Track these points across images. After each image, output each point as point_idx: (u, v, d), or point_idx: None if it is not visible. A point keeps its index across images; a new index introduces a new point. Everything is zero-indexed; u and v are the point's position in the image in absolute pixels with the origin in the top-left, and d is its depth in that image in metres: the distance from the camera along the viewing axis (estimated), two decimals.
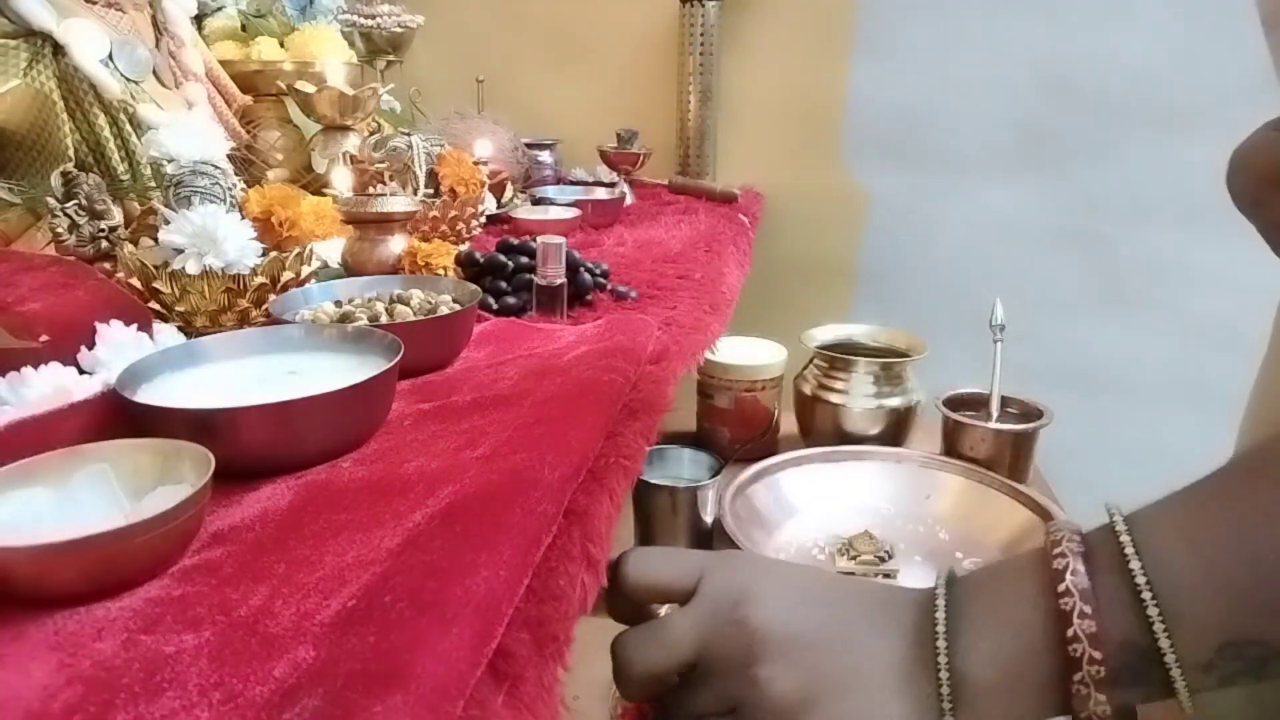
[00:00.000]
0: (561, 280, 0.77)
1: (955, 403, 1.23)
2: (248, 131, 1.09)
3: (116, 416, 0.47)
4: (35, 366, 0.49)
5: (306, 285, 0.70)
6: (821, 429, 1.28)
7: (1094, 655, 0.35)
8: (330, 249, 0.84)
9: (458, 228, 0.96)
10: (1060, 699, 0.36)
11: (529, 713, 0.33)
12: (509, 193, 1.26)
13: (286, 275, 0.68)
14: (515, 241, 0.84)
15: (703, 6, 1.54)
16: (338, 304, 0.68)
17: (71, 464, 0.41)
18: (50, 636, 0.33)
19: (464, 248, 0.85)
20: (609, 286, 0.87)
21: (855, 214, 1.69)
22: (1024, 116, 1.57)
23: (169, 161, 0.70)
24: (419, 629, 0.33)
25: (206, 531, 0.41)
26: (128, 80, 0.86)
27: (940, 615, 0.38)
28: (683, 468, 1.07)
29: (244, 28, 1.21)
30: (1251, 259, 1.67)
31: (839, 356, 1.26)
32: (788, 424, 1.34)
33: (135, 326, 0.56)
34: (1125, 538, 0.37)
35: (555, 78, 1.74)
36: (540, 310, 0.78)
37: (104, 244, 0.71)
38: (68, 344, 0.52)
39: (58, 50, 0.81)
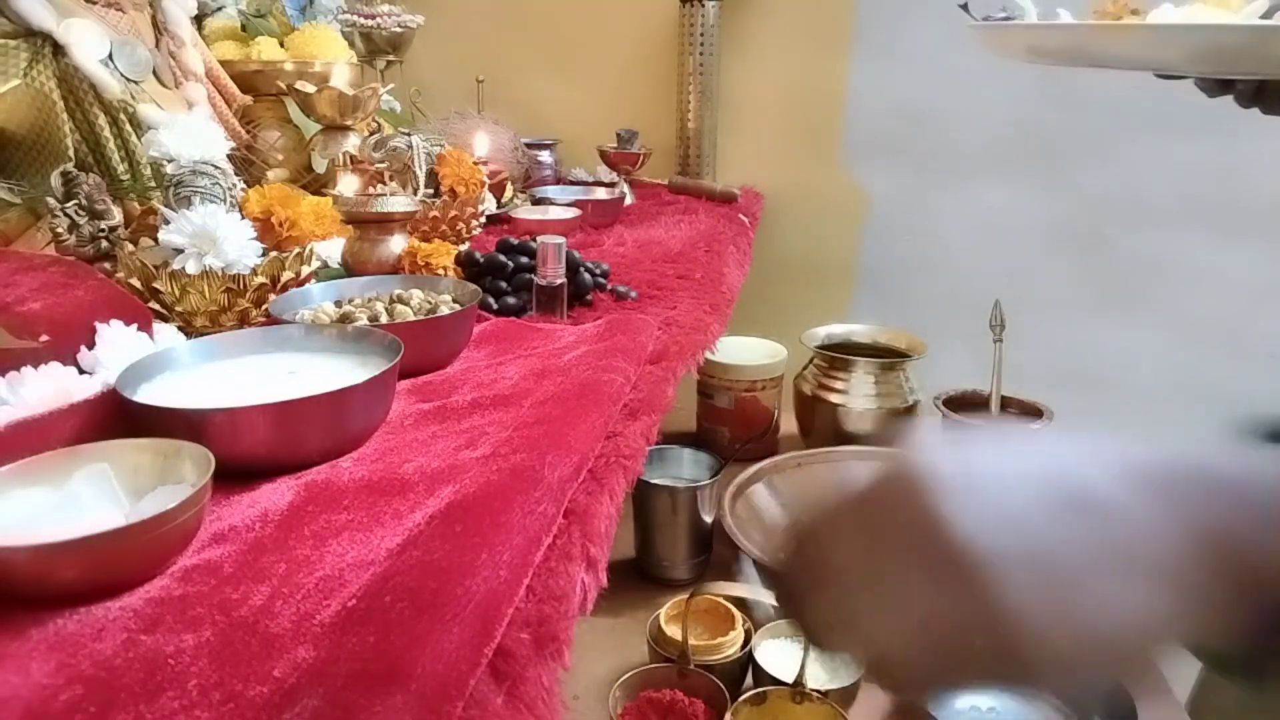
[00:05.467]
0: (561, 280, 0.77)
1: (955, 403, 1.23)
2: (248, 131, 1.09)
3: (116, 416, 0.47)
4: (35, 366, 0.49)
5: (306, 285, 0.70)
6: (821, 429, 1.27)
7: None
8: (330, 249, 0.84)
9: (458, 228, 0.96)
10: None
11: (529, 713, 0.33)
12: (509, 193, 1.26)
13: (286, 275, 0.68)
14: (515, 241, 0.84)
15: (703, 6, 1.54)
16: (338, 304, 0.68)
17: (71, 464, 0.41)
18: (50, 636, 0.33)
19: (464, 248, 0.85)
20: (609, 286, 0.87)
21: (855, 214, 1.69)
22: (1024, 116, 1.57)
23: (169, 161, 0.69)
24: (419, 629, 0.33)
25: (206, 531, 0.41)
26: (128, 80, 0.86)
27: None
28: (683, 468, 1.07)
29: (244, 28, 1.21)
30: (1251, 259, 1.67)
31: (839, 356, 1.26)
32: (788, 424, 1.34)
33: (135, 326, 0.56)
34: None
35: (555, 78, 1.74)
36: (540, 310, 0.78)
37: (104, 244, 0.71)
38: (68, 344, 0.52)
39: (58, 50, 0.81)
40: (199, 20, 1.14)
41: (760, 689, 0.76)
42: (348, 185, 0.83)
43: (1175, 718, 0.79)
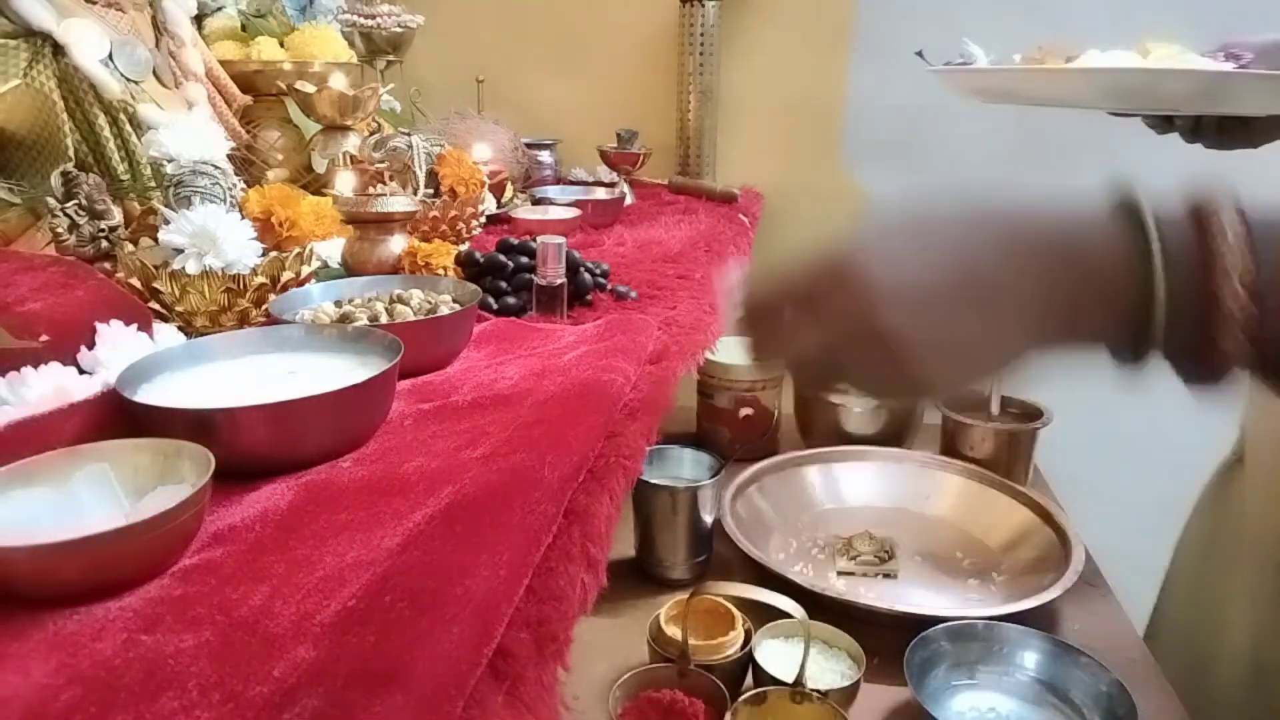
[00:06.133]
0: (561, 280, 0.77)
1: (955, 403, 1.23)
2: (248, 131, 1.09)
3: (116, 416, 0.47)
4: (35, 366, 0.49)
5: (306, 285, 0.70)
6: (821, 429, 1.28)
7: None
8: (330, 249, 0.84)
9: (458, 228, 0.96)
10: None
11: (529, 713, 0.33)
12: (509, 193, 1.26)
13: (286, 275, 0.68)
14: (515, 241, 0.84)
15: (703, 6, 1.54)
16: (338, 304, 0.68)
17: (71, 464, 0.41)
18: (50, 636, 0.33)
19: (464, 248, 0.85)
20: (609, 286, 0.87)
21: (855, 214, 1.69)
22: (1024, 116, 1.57)
23: (169, 161, 0.70)
24: (419, 629, 0.33)
25: (206, 531, 0.41)
26: (128, 80, 0.86)
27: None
28: (683, 468, 1.07)
29: (244, 28, 1.21)
30: None
31: None
32: (788, 424, 1.34)
33: (135, 326, 0.56)
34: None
35: (555, 78, 1.74)
36: (540, 310, 0.78)
37: (104, 244, 0.71)
38: (68, 344, 0.52)
39: (58, 50, 0.81)
40: (199, 20, 1.14)
41: (760, 689, 0.76)
42: (344, 183, 0.83)
43: (1175, 718, 0.79)
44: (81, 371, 0.52)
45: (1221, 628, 0.83)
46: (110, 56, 0.85)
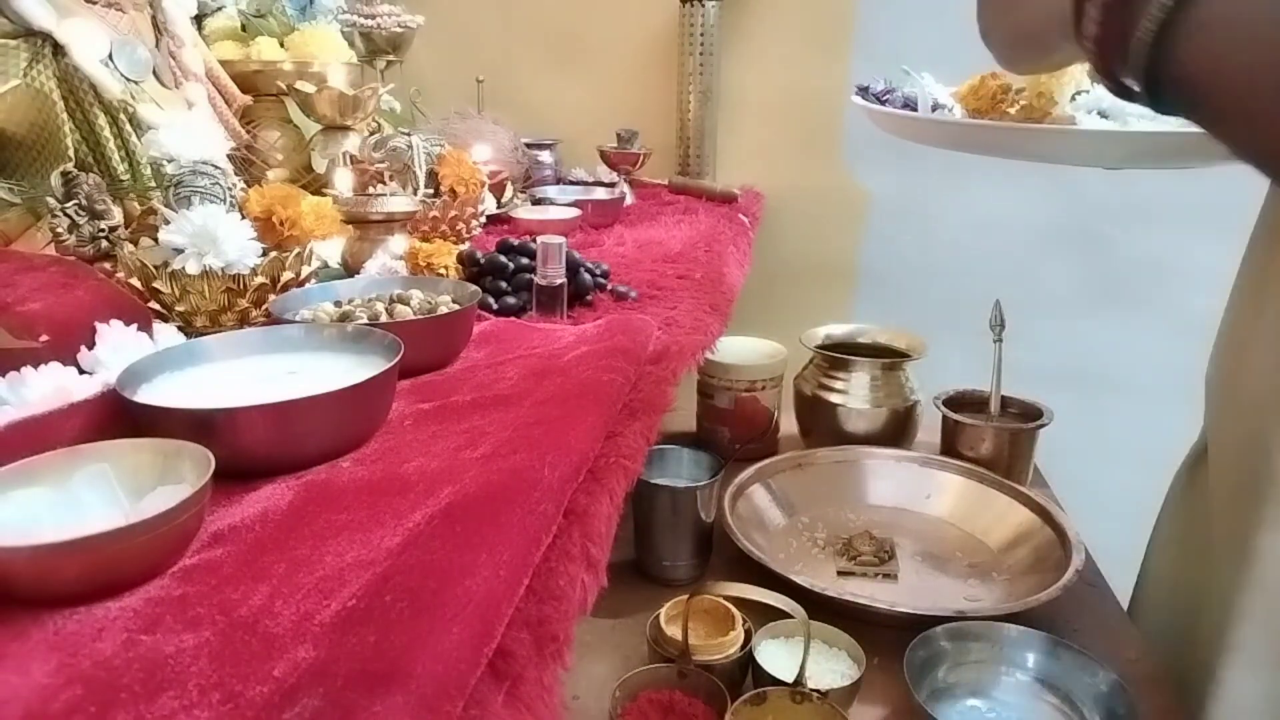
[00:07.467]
0: (561, 280, 0.77)
1: (955, 402, 1.23)
2: (248, 131, 1.09)
3: (116, 416, 0.47)
4: (35, 366, 0.49)
5: (306, 285, 0.70)
6: (821, 429, 1.27)
7: None
8: (330, 249, 0.84)
9: (458, 228, 0.96)
10: None
11: (529, 713, 0.33)
12: (509, 193, 1.26)
13: (286, 275, 0.68)
14: (515, 241, 0.84)
15: (703, 6, 1.54)
16: (338, 304, 0.68)
17: (71, 464, 0.41)
18: (50, 636, 0.33)
19: (464, 247, 0.85)
20: (609, 286, 0.87)
21: (855, 214, 1.69)
22: None
23: (169, 161, 0.70)
24: (419, 629, 0.33)
25: (206, 531, 0.41)
26: (128, 80, 0.86)
27: None
28: (683, 468, 1.07)
29: (244, 28, 1.21)
30: None
31: (839, 356, 1.26)
32: (788, 424, 1.34)
33: (135, 326, 0.56)
34: None
35: (555, 78, 1.74)
36: (540, 310, 0.78)
37: (104, 244, 0.71)
38: (68, 344, 0.52)
39: (58, 50, 0.81)
40: (199, 20, 1.14)
41: (760, 689, 0.76)
42: (344, 183, 0.83)
43: (1175, 717, 0.79)
44: (81, 371, 0.52)
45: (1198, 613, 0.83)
46: (110, 56, 0.84)
